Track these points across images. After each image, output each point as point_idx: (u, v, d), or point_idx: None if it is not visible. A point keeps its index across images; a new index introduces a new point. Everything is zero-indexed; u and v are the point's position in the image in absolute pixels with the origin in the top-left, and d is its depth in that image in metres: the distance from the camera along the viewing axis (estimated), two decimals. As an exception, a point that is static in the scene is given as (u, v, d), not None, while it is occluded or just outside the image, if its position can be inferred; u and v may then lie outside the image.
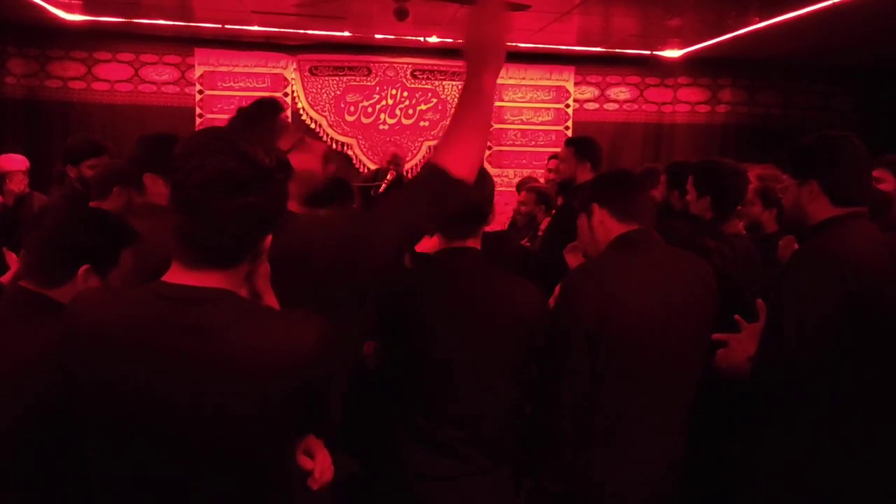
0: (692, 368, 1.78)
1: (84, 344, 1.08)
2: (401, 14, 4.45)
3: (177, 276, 1.09)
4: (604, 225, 1.87)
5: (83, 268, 1.41)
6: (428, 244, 1.85)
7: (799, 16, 4.47)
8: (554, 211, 4.19)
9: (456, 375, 1.67)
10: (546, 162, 5.15)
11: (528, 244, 3.88)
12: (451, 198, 1.34)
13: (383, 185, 5.13)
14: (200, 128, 6.10)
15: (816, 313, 1.65)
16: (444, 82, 6.48)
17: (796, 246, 2.43)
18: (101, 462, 1.10)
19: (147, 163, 2.18)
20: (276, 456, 1.13)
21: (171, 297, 1.07)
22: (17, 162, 4.09)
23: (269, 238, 1.18)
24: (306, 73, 6.27)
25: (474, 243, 1.75)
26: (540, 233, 3.75)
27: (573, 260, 2.46)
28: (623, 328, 1.70)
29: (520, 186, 5.35)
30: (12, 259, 2.28)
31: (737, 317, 1.85)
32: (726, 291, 2.00)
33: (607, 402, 1.72)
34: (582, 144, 3.45)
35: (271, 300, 1.31)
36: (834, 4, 4.16)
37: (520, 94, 6.62)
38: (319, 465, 1.25)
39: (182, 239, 1.09)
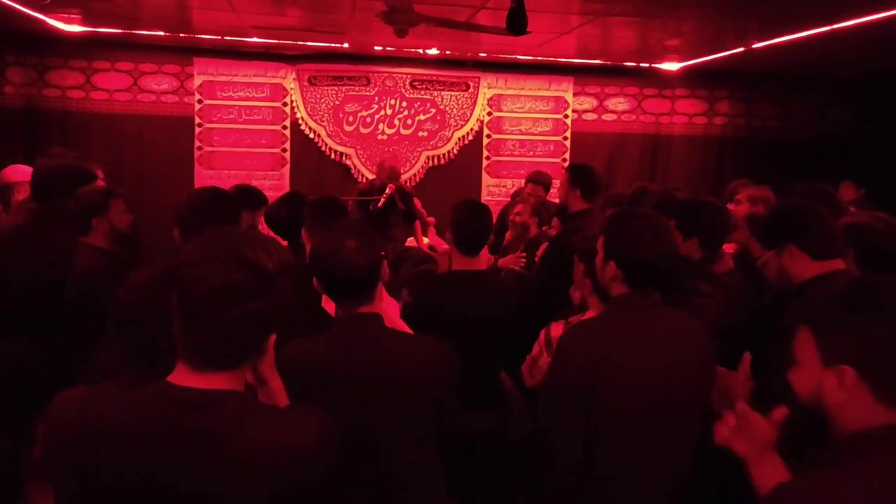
0: (687, 431, 1.81)
1: (93, 442, 1.11)
2: (401, 32, 4.46)
3: (182, 377, 1.13)
4: (615, 281, 1.85)
5: None
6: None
7: (796, 39, 4.49)
8: (545, 228, 4.22)
9: (364, 442, 1.68)
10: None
11: (522, 254, 3.90)
12: None
13: (382, 200, 5.14)
14: (199, 137, 6.11)
15: None
16: (442, 92, 6.48)
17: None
18: None
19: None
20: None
21: (176, 401, 1.11)
22: (24, 173, 3.92)
23: (274, 336, 1.21)
24: (305, 83, 6.27)
25: (370, 309, 1.74)
26: (537, 256, 3.77)
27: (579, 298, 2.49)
28: (613, 390, 1.72)
29: (514, 196, 5.35)
30: None
31: (720, 368, 1.89)
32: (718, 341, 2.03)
33: (599, 463, 1.75)
34: (576, 171, 3.49)
35: (276, 383, 1.34)
36: (833, 30, 4.17)
37: (518, 105, 6.63)
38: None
39: (186, 345, 1.12)
